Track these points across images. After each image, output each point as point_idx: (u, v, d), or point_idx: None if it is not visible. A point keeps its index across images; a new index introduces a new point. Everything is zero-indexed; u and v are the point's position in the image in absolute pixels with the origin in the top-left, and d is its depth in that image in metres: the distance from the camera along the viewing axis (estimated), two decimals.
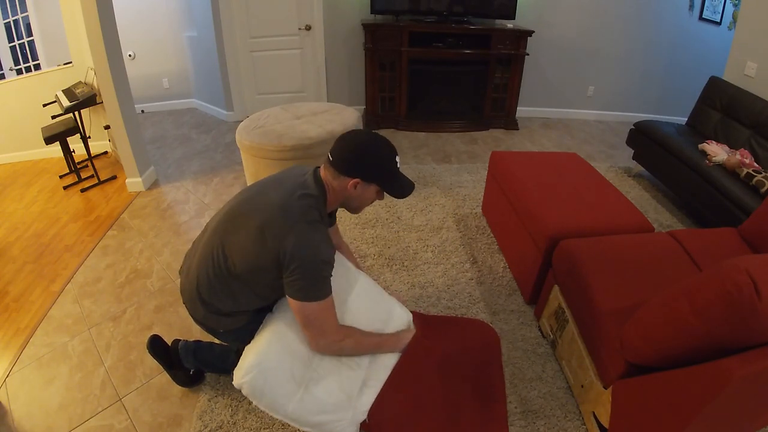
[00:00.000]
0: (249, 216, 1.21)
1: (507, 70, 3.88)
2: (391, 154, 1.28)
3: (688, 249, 1.65)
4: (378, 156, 1.26)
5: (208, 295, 1.31)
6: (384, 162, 1.26)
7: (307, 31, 3.88)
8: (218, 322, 1.36)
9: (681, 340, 1.06)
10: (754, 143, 2.65)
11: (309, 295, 1.18)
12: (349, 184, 1.24)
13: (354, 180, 1.23)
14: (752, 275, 0.91)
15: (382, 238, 2.43)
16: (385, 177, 1.28)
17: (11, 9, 3.56)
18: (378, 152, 1.26)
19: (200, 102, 4.57)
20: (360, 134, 1.29)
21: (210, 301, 1.32)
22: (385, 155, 1.27)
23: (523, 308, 1.98)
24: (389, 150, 1.28)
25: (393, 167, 1.28)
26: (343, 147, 1.25)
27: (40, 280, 2.20)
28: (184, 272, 1.38)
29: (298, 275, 1.16)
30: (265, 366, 1.20)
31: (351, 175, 1.23)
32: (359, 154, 1.24)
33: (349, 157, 1.24)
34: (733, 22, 3.82)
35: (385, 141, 1.28)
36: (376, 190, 1.29)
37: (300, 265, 1.15)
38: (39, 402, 1.58)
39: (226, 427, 1.46)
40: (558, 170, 2.22)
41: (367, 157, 1.25)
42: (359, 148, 1.25)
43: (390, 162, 1.27)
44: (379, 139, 1.28)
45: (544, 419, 1.50)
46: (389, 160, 1.27)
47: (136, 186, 2.99)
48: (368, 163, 1.25)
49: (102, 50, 2.53)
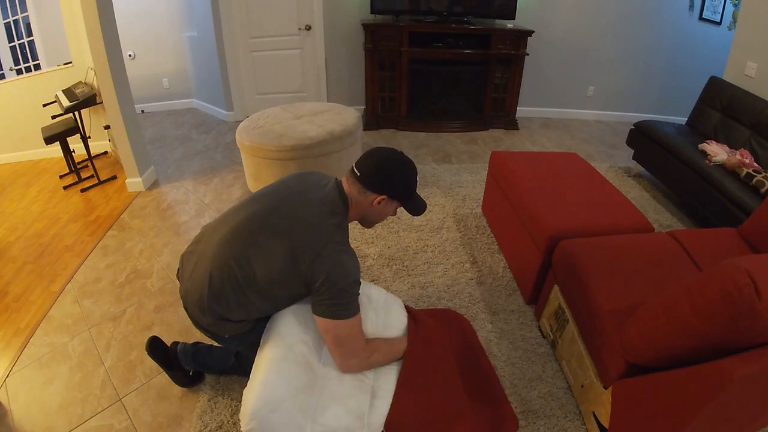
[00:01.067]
0: (277, 232, 1.20)
1: (507, 70, 3.88)
2: (415, 172, 1.33)
3: (688, 249, 1.65)
4: (405, 175, 1.30)
5: (218, 303, 1.25)
6: (409, 180, 1.31)
7: (307, 31, 3.89)
8: (224, 328, 1.32)
9: (681, 340, 1.06)
10: (754, 143, 2.65)
11: (338, 314, 1.19)
12: (374, 201, 1.27)
13: (380, 197, 1.26)
14: (752, 275, 0.91)
15: (382, 238, 2.43)
16: (406, 195, 1.32)
17: (11, 9, 3.56)
18: (405, 171, 1.30)
19: (200, 102, 4.57)
20: (389, 152, 1.31)
21: (219, 309, 1.26)
22: (410, 174, 1.31)
23: (523, 308, 1.98)
24: (413, 169, 1.33)
25: (414, 186, 1.33)
26: (372, 164, 1.27)
27: (40, 280, 2.20)
28: (185, 277, 1.31)
29: (328, 296, 1.17)
30: (268, 408, 1.13)
31: (378, 192, 1.26)
32: (389, 172, 1.27)
33: (379, 175, 1.26)
34: (733, 22, 3.82)
35: (410, 160, 1.33)
36: (396, 206, 1.33)
37: (331, 287, 1.17)
38: (39, 402, 1.58)
39: (226, 427, 1.46)
40: (558, 170, 2.22)
41: (396, 175, 1.28)
42: (389, 167, 1.28)
43: (413, 180, 1.32)
44: (406, 158, 1.32)
45: (544, 419, 1.50)
46: (413, 179, 1.32)
47: (136, 186, 2.99)
48: (396, 181, 1.28)
49: (102, 50, 2.54)
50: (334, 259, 1.17)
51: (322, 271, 1.15)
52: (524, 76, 4.05)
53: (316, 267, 1.16)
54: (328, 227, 1.21)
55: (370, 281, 2.11)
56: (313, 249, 1.17)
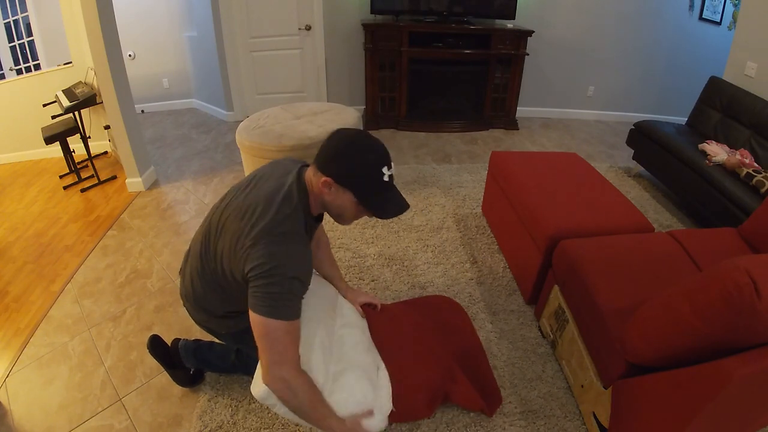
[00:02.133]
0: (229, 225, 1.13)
1: (507, 70, 3.88)
2: (376, 161, 1.08)
3: (688, 249, 1.65)
4: (356, 158, 1.07)
5: (204, 299, 1.28)
6: (364, 167, 1.08)
7: (307, 31, 3.89)
8: (219, 324, 1.35)
9: (681, 341, 1.06)
10: (754, 143, 2.65)
11: (272, 311, 1.04)
12: (321, 182, 1.09)
13: (325, 178, 1.08)
14: (752, 275, 0.91)
15: (382, 238, 2.43)
16: (363, 186, 1.09)
17: (11, 9, 3.56)
18: (358, 154, 1.08)
19: (200, 102, 4.57)
20: (350, 131, 1.12)
21: (206, 305, 1.30)
22: (366, 160, 1.07)
23: (523, 308, 1.98)
24: (374, 156, 1.09)
25: (376, 177, 1.08)
26: (327, 141, 1.11)
27: (40, 280, 2.20)
28: (182, 274, 1.36)
29: (263, 285, 1.04)
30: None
31: (324, 173, 1.09)
32: (338, 151, 1.08)
33: (328, 153, 1.09)
34: (733, 22, 3.82)
35: (373, 145, 1.10)
36: (351, 199, 1.11)
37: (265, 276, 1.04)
38: (39, 402, 1.58)
39: (226, 427, 1.46)
40: (558, 170, 2.22)
41: (346, 155, 1.08)
42: (341, 145, 1.08)
43: (372, 170, 1.08)
44: (368, 141, 1.10)
45: (544, 419, 1.50)
46: (371, 167, 1.08)
47: (136, 186, 2.99)
48: (346, 163, 1.08)
49: (102, 50, 2.53)
50: (273, 248, 1.04)
51: (256, 257, 1.03)
52: (524, 76, 4.04)
53: (251, 253, 1.04)
54: (275, 215, 1.08)
55: (370, 281, 2.11)
56: (252, 236, 1.06)
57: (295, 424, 1.46)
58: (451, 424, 1.47)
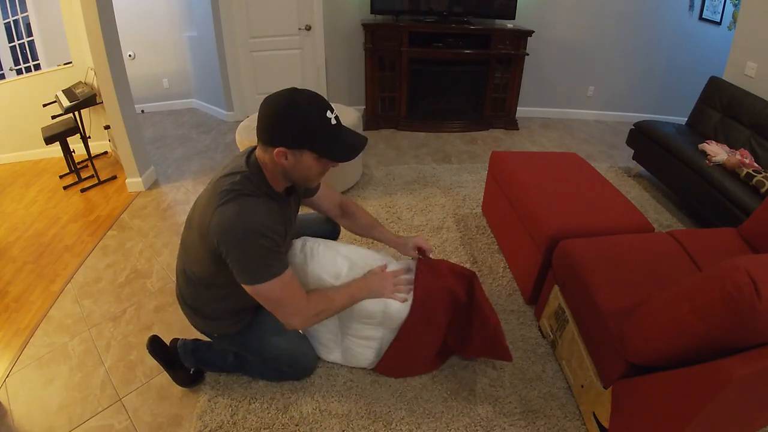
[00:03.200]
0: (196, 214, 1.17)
1: (507, 70, 3.88)
2: (317, 110, 1.06)
3: (688, 249, 1.65)
4: (297, 117, 1.05)
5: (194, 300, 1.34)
6: (307, 122, 1.06)
7: (307, 31, 3.89)
8: (210, 326, 1.39)
9: (681, 341, 1.06)
10: (754, 143, 2.65)
11: (256, 277, 1.07)
12: (275, 155, 1.08)
13: (278, 149, 1.06)
14: (752, 275, 0.91)
15: None
16: (314, 140, 1.07)
17: (11, 9, 3.56)
18: (296, 112, 1.05)
19: (200, 102, 4.57)
20: (275, 96, 1.08)
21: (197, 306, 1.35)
22: (306, 114, 1.05)
23: (523, 308, 1.98)
24: (312, 107, 1.06)
25: (323, 125, 1.07)
26: (261, 114, 1.08)
27: (40, 280, 2.20)
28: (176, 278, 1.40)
29: (235, 255, 1.06)
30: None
31: (274, 144, 1.07)
32: (276, 119, 1.06)
33: (267, 125, 1.07)
34: (733, 22, 3.82)
35: (306, 96, 1.07)
36: (311, 157, 1.10)
37: (232, 244, 1.05)
38: (39, 402, 1.58)
39: (226, 427, 1.46)
40: (558, 170, 2.22)
41: (286, 120, 1.05)
42: (276, 112, 1.06)
43: (316, 120, 1.06)
44: (298, 95, 1.07)
45: (544, 419, 1.50)
46: (315, 119, 1.06)
47: (136, 186, 2.99)
48: (289, 128, 1.05)
49: (102, 50, 2.53)
50: (225, 213, 1.05)
51: (216, 229, 1.05)
52: (524, 76, 4.04)
53: (212, 227, 1.06)
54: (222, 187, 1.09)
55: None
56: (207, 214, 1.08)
57: (295, 425, 1.46)
58: (450, 424, 1.47)
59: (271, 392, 1.56)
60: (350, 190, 2.88)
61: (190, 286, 1.31)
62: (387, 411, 1.51)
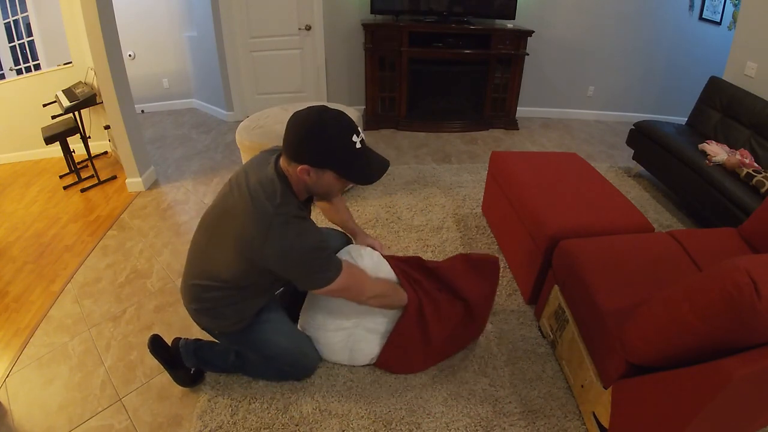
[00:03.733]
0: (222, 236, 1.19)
1: (507, 70, 3.88)
2: (343, 133, 1.09)
3: (688, 249, 1.65)
4: (323, 137, 1.07)
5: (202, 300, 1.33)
6: (333, 144, 1.08)
7: (307, 31, 3.89)
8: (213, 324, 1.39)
9: (681, 341, 1.06)
10: (754, 143, 2.65)
11: (323, 282, 1.17)
12: (299, 171, 1.10)
13: (302, 167, 1.09)
14: (752, 275, 0.91)
15: (382, 238, 2.42)
16: (338, 161, 1.10)
17: (11, 9, 3.56)
18: (322, 133, 1.07)
19: (200, 102, 4.57)
20: (305, 113, 1.10)
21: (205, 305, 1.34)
22: (332, 136, 1.08)
23: (523, 308, 1.98)
24: (339, 129, 1.09)
25: (348, 148, 1.09)
26: (288, 130, 1.10)
27: (40, 280, 2.20)
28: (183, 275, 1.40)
29: (300, 273, 1.14)
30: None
31: (299, 162, 1.09)
32: (302, 137, 1.08)
33: (294, 141, 1.09)
34: (733, 22, 3.82)
35: (334, 118, 1.09)
36: (333, 177, 1.13)
37: (295, 266, 1.12)
38: (39, 402, 1.58)
39: (226, 427, 1.46)
40: (558, 170, 2.22)
41: (312, 139, 1.07)
42: (302, 130, 1.08)
43: (342, 142, 1.09)
44: (326, 116, 1.09)
45: (544, 419, 1.50)
46: (340, 141, 1.09)
47: (136, 186, 2.99)
48: (314, 147, 1.08)
49: (102, 50, 2.54)
50: (282, 243, 1.09)
51: (274, 255, 1.09)
52: (524, 76, 4.04)
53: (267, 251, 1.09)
54: (266, 212, 1.10)
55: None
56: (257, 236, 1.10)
57: (295, 425, 1.46)
58: (450, 424, 1.47)
59: (271, 392, 1.56)
60: (350, 190, 2.88)
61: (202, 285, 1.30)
62: (387, 411, 1.51)
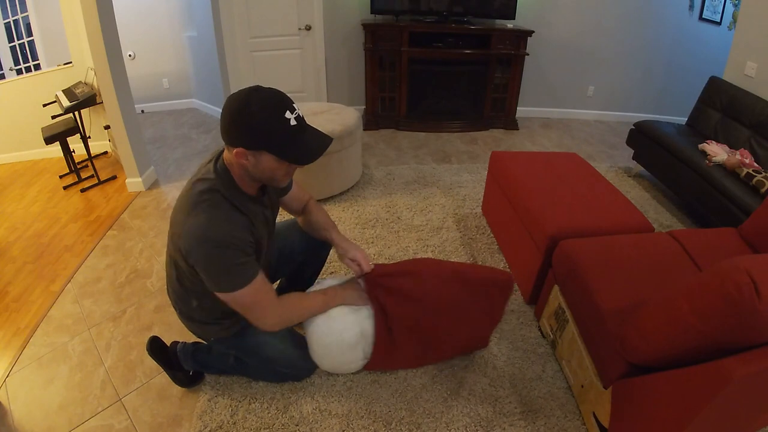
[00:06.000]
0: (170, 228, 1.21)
1: (507, 70, 3.88)
2: (273, 110, 1.03)
3: (688, 249, 1.65)
4: (251, 115, 1.01)
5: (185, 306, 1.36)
6: (262, 122, 1.02)
7: (307, 31, 3.88)
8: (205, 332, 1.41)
9: (681, 341, 1.06)
10: (754, 143, 2.65)
11: (228, 285, 1.10)
12: (235, 155, 1.07)
13: (237, 149, 1.05)
14: (752, 275, 0.91)
15: (382, 238, 2.43)
16: (271, 140, 1.04)
17: (11, 9, 3.56)
18: (250, 111, 1.01)
19: (200, 102, 4.57)
20: (235, 94, 1.06)
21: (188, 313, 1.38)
22: (260, 113, 1.01)
23: (523, 308, 1.98)
24: (267, 105, 1.03)
25: (279, 126, 1.03)
26: (222, 112, 1.06)
27: (40, 280, 2.20)
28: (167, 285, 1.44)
29: (204, 266, 1.09)
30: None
31: (233, 144, 1.06)
32: (232, 118, 1.03)
33: (224, 124, 1.05)
34: (733, 22, 3.82)
35: (262, 95, 1.03)
36: (270, 158, 1.07)
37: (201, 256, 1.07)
38: (39, 402, 1.58)
39: (226, 427, 1.46)
40: (558, 170, 2.22)
41: (240, 118, 1.02)
42: (231, 111, 1.03)
43: (272, 120, 1.03)
44: (255, 94, 1.03)
45: (544, 419, 1.50)
46: (271, 118, 1.03)
47: (136, 186, 2.99)
48: (246, 126, 1.03)
49: (102, 50, 2.53)
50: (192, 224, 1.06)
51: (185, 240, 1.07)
52: (524, 76, 4.04)
53: (183, 239, 1.08)
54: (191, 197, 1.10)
55: None
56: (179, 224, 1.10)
57: (295, 425, 1.46)
58: (450, 424, 1.47)
59: (271, 392, 1.56)
60: (350, 190, 2.88)
61: (179, 294, 1.33)
62: (387, 411, 1.51)
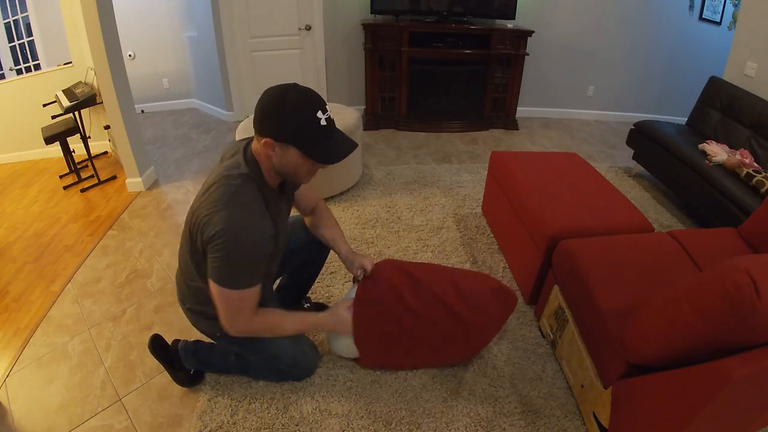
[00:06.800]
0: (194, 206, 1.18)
1: (507, 70, 3.88)
2: (306, 107, 1.06)
3: (688, 249, 1.65)
4: (287, 109, 1.04)
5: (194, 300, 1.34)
6: (297, 117, 1.05)
7: (307, 31, 3.88)
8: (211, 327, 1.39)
9: (681, 341, 1.06)
10: (754, 143, 2.65)
11: (225, 281, 1.11)
12: (263, 144, 1.08)
13: (266, 140, 1.07)
14: (752, 275, 0.91)
15: (382, 238, 2.43)
16: (302, 137, 1.07)
17: (11, 9, 3.56)
18: (285, 105, 1.04)
19: (200, 102, 4.56)
20: (273, 88, 1.08)
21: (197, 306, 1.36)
22: (298, 109, 1.04)
23: (523, 308, 1.98)
24: (302, 102, 1.06)
25: (311, 123, 1.06)
26: (258, 103, 1.08)
27: (40, 280, 2.20)
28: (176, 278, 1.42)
29: (218, 257, 1.09)
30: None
31: (262, 134, 1.08)
32: (266, 109, 1.06)
33: (258, 114, 1.08)
34: (733, 22, 3.81)
35: (299, 92, 1.07)
36: (296, 154, 1.09)
37: (221, 249, 1.07)
38: (39, 402, 1.58)
39: (226, 427, 1.46)
40: (558, 170, 2.22)
41: (277, 110, 1.05)
42: (266, 103, 1.06)
43: (304, 116, 1.05)
44: (292, 90, 1.06)
45: (544, 419, 1.50)
46: (303, 115, 1.05)
47: (136, 186, 2.99)
48: (279, 119, 1.05)
49: (102, 50, 2.53)
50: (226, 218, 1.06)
51: (212, 227, 1.07)
52: (524, 76, 4.04)
53: (207, 223, 1.08)
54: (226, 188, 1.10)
55: None
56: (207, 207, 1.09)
57: (295, 425, 1.46)
58: (450, 424, 1.47)
59: (271, 392, 1.56)
60: (350, 190, 2.88)
61: (192, 287, 1.31)
62: (387, 411, 1.51)
